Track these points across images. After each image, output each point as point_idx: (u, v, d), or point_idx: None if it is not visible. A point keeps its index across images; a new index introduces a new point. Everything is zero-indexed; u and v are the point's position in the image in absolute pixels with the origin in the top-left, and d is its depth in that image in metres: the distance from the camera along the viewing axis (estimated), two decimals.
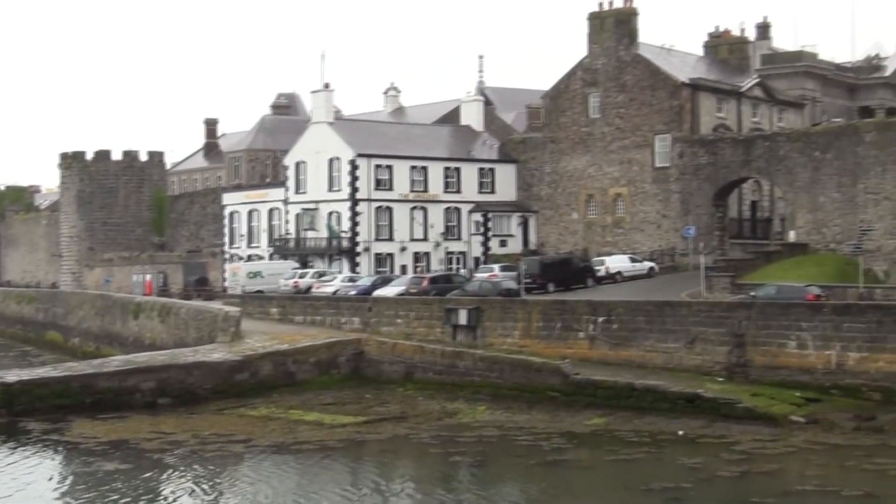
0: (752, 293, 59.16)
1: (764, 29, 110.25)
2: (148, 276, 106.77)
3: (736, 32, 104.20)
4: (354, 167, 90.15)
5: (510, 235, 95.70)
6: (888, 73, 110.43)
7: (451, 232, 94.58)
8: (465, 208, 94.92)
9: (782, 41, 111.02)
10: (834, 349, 48.31)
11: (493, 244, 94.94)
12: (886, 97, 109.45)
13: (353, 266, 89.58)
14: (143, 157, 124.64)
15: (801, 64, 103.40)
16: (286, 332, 65.22)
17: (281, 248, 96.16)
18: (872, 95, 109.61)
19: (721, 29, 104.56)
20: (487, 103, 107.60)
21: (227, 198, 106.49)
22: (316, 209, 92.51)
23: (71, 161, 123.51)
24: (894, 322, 47.12)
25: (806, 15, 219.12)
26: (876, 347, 47.22)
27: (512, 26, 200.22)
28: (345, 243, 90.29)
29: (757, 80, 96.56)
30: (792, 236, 79.98)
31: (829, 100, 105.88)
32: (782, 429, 44.52)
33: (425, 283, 73.18)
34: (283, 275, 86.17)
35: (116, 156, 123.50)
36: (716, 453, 41.12)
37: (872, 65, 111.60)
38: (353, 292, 75.08)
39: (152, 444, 44.56)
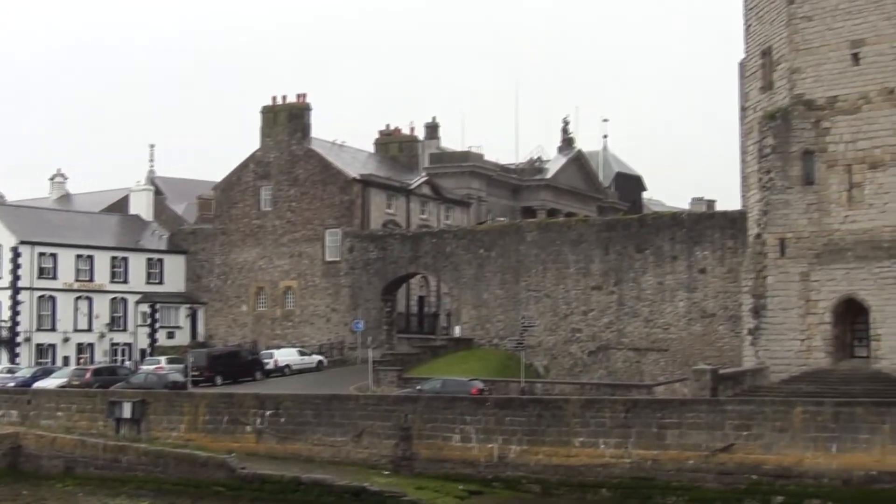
0: (419, 387, 60.05)
1: (433, 129, 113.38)
2: None
3: (406, 131, 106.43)
4: (17, 254, 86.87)
5: (178, 327, 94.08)
6: (549, 175, 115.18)
7: (116, 323, 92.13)
8: (131, 299, 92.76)
9: (451, 141, 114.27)
10: (496, 442, 49.44)
11: (161, 336, 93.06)
12: (548, 198, 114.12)
13: (13, 357, 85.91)
14: None
15: (468, 164, 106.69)
16: None
17: None
18: (535, 196, 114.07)
19: (392, 127, 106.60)
20: (158, 193, 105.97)
21: None
22: None
23: None
24: (553, 416, 48.68)
25: (473, 116, 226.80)
26: (536, 440, 48.62)
27: (184, 116, 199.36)
28: (4, 333, 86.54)
29: (425, 178, 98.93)
30: (457, 331, 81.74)
31: (494, 199, 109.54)
32: None
33: (88, 375, 71.00)
34: None
35: None
36: None
37: (535, 167, 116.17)
38: (11, 384, 71.97)
39: None
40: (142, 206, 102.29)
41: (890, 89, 53.84)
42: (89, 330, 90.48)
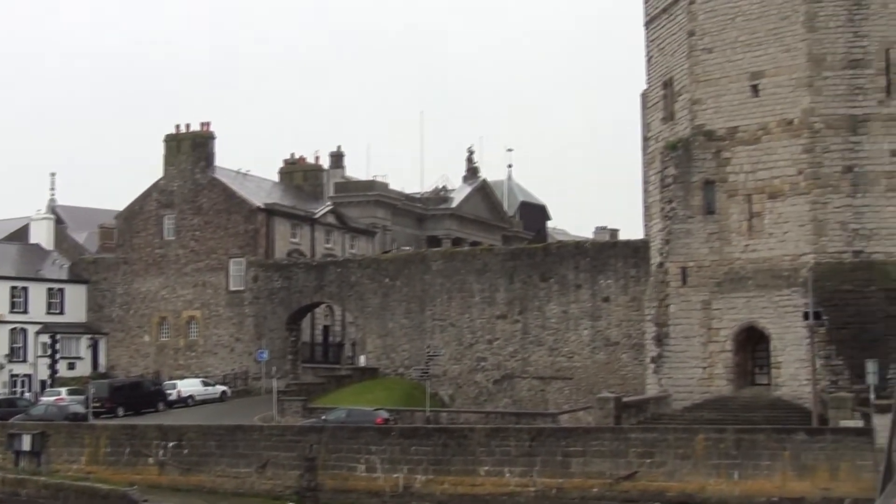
0: (324, 417, 59.78)
1: (338, 158, 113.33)
2: None
3: (311, 160, 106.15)
4: None
5: (79, 358, 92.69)
6: (454, 204, 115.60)
7: (16, 354, 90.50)
8: (31, 329, 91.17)
9: (356, 170, 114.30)
10: (402, 472, 49.30)
11: (62, 367, 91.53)
12: (452, 227, 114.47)
13: None
14: None
15: (373, 193, 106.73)
16: None
17: None
18: (440, 226, 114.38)
19: (296, 156, 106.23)
20: (59, 222, 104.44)
21: None
22: None
23: None
24: (458, 445, 48.68)
25: (378, 146, 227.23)
26: (441, 470, 48.57)
27: (86, 144, 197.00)
28: None
29: (330, 208, 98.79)
30: (362, 361, 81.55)
31: (399, 228, 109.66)
32: None
33: None
34: None
35: None
36: None
37: (440, 196, 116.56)
38: None
39: None
40: (42, 234, 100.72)
41: (788, 120, 54.83)
42: None
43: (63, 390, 79.50)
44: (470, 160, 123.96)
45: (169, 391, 77.54)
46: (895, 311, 51.65)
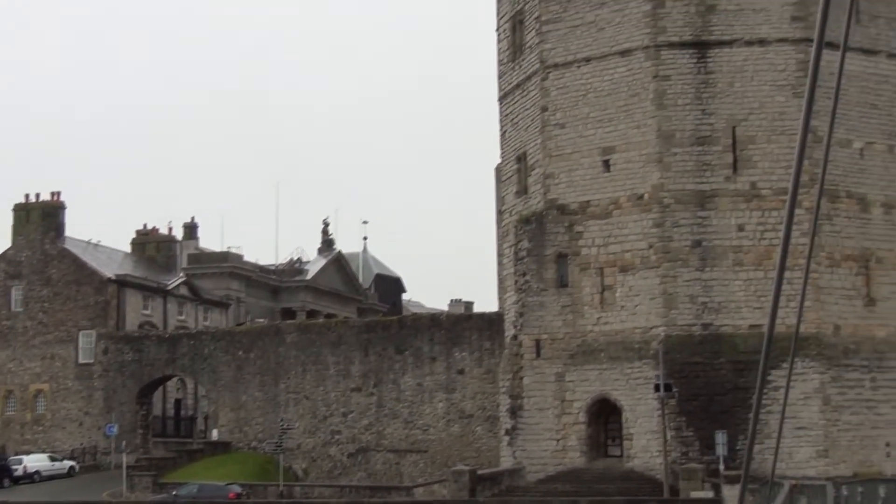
0: (175, 492, 58.72)
1: (191, 228, 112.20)
2: None
3: (164, 231, 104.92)
4: None
5: None
6: (309, 276, 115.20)
7: None
8: None
9: (210, 241, 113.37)
10: None
11: None
12: (307, 300, 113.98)
13: None
14: None
15: (227, 265, 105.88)
16: None
17: None
18: (295, 298, 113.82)
19: (149, 227, 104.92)
20: None
21: None
22: None
23: None
24: None
25: (233, 217, 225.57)
26: None
27: None
28: None
29: (183, 279, 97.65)
30: (215, 434, 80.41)
31: (253, 300, 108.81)
32: None
33: None
34: None
35: None
36: None
37: (295, 268, 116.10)
38: None
39: None
40: None
41: (639, 195, 55.93)
42: None
43: None
44: (325, 232, 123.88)
45: (14, 466, 75.35)
46: (743, 382, 52.70)
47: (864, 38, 56.97)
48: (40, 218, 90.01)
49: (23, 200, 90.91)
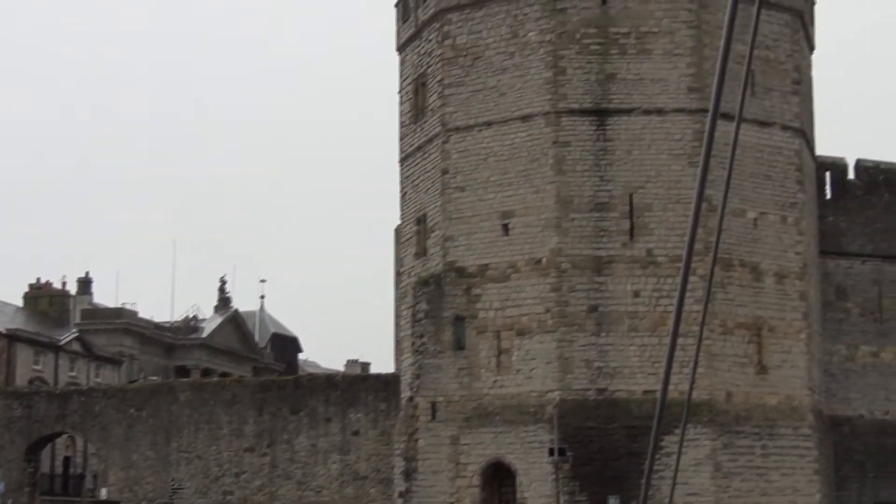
0: None
1: (85, 284, 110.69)
2: None
3: (58, 285, 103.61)
4: None
5: None
6: (205, 334, 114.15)
7: None
8: None
9: (104, 297, 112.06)
10: None
11: None
12: (202, 358, 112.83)
13: None
14: None
15: (121, 321, 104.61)
16: None
17: None
18: (189, 356, 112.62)
19: (43, 280, 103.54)
20: None
21: None
22: None
23: None
24: None
25: (128, 272, 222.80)
26: None
27: None
28: None
29: (76, 335, 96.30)
30: (104, 493, 78.99)
31: (147, 357, 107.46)
32: None
33: None
34: None
35: None
36: None
37: (190, 326, 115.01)
38: None
39: None
40: None
41: (537, 259, 56.28)
42: None
43: None
44: (222, 290, 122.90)
45: None
46: (637, 447, 52.99)
47: (759, 110, 58.14)
48: None
49: None
